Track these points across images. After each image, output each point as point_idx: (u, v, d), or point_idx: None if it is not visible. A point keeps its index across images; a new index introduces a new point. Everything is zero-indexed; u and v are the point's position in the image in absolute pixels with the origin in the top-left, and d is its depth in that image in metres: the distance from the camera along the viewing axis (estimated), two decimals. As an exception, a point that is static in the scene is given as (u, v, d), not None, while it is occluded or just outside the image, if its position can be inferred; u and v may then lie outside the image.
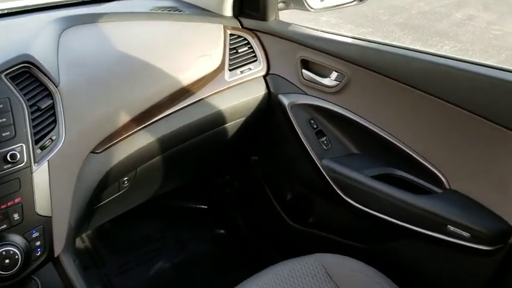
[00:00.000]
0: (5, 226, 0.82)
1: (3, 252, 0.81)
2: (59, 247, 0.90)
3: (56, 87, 0.88)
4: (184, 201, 1.76)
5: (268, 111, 1.27)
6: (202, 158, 1.30)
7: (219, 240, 1.67)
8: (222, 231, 1.69)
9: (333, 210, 1.27)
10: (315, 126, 1.19)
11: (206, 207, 1.75)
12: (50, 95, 0.88)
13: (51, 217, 0.87)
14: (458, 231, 0.97)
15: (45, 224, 0.87)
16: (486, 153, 0.95)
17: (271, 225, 1.52)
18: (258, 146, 1.42)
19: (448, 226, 0.98)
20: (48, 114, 0.87)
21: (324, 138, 1.18)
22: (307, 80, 1.18)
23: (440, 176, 1.03)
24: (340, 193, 1.14)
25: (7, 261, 0.81)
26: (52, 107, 0.87)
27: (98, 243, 1.57)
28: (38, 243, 0.86)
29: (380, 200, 1.08)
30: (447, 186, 1.02)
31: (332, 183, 1.15)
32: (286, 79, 1.23)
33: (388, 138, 1.08)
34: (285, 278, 1.02)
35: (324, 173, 1.15)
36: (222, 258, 1.61)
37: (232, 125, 1.23)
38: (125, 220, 1.62)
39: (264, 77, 1.26)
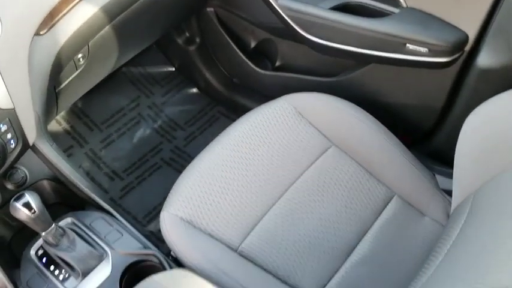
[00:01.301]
0: None
1: None
2: (31, 135, 0.91)
3: None
4: (151, 67, 1.73)
5: None
6: (153, 20, 1.24)
7: (193, 99, 1.69)
8: (194, 90, 1.70)
9: (297, 51, 1.27)
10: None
11: (173, 69, 1.73)
12: None
13: (13, 108, 0.87)
14: (417, 48, 0.99)
15: (10, 115, 0.86)
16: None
17: (239, 75, 1.53)
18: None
19: (407, 45, 0.99)
20: None
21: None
22: None
23: None
24: (301, 32, 1.12)
25: None
26: None
27: (74, 123, 1.59)
28: (9, 135, 0.87)
29: (341, 32, 1.07)
30: (404, 5, 1.01)
31: (292, 23, 1.12)
32: None
33: None
34: (258, 124, 1.06)
35: (282, 13, 1.12)
36: (199, 115, 1.65)
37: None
38: (95, 96, 1.62)
39: None
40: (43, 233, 0.88)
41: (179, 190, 0.97)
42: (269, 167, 1.01)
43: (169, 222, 0.93)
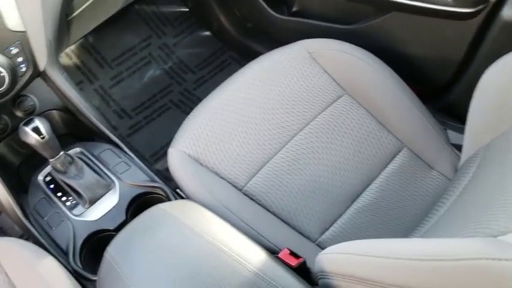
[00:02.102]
0: None
1: None
2: (42, 61, 0.90)
3: None
4: (164, 6, 1.69)
5: None
6: None
7: (205, 42, 1.66)
8: (207, 33, 1.67)
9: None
10: None
11: (187, 9, 1.69)
12: None
13: (25, 32, 0.85)
14: (442, -4, 0.95)
15: (22, 38, 0.85)
16: None
17: (255, 19, 1.49)
18: None
19: (431, -8, 0.96)
20: None
21: None
22: None
23: None
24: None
25: None
26: None
27: (85, 58, 1.57)
28: (19, 59, 0.86)
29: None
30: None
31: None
32: None
33: None
34: (271, 67, 1.04)
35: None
36: (210, 59, 1.63)
37: None
38: (107, 32, 1.59)
39: None
40: (52, 160, 0.89)
41: (188, 128, 0.97)
42: (279, 110, 1.00)
43: (176, 158, 0.93)
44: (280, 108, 1.00)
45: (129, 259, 0.64)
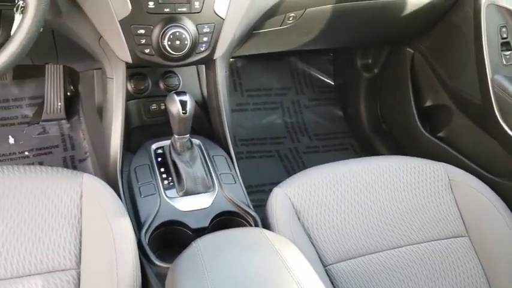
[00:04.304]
0: (185, 9, 0.85)
1: (177, 33, 0.84)
2: (219, 51, 0.93)
3: None
4: (315, 70, 1.73)
5: (452, 3, 1.15)
6: (362, 25, 1.22)
7: (334, 119, 1.66)
8: (340, 112, 1.68)
9: (473, 129, 1.19)
10: (504, 35, 1.06)
11: (333, 83, 1.72)
12: None
13: (223, 19, 0.89)
14: None
15: (217, 23, 0.88)
16: None
17: (398, 120, 1.47)
18: (419, 38, 1.32)
19: None
20: None
21: (509, 52, 1.06)
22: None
23: None
24: (497, 115, 1.05)
25: (177, 42, 0.85)
26: None
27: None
28: (205, 38, 0.89)
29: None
30: None
31: (493, 102, 1.05)
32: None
33: None
34: (406, 170, 1.00)
35: (490, 88, 1.05)
36: (331, 136, 1.62)
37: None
38: (257, 64, 1.65)
39: None
40: (177, 137, 0.88)
41: (302, 179, 0.94)
42: (396, 215, 0.94)
43: (279, 199, 0.90)
44: (399, 213, 0.94)
45: (217, 259, 0.59)
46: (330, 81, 1.73)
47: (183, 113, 0.84)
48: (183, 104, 0.84)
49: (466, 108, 1.23)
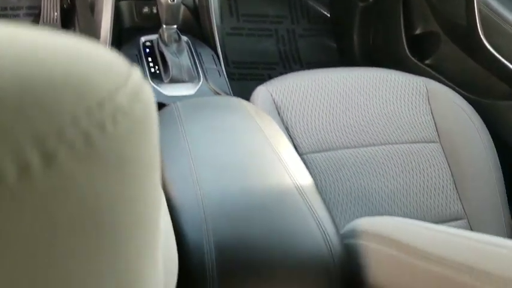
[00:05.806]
0: None
1: None
2: None
3: None
4: (312, 0, 1.74)
5: None
6: None
7: (327, 50, 1.68)
8: (333, 44, 1.70)
9: (459, 54, 1.22)
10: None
11: (328, 15, 1.73)
12: None
13: None
14: None
15: None
16: None
17: (388, 48, 1.49)
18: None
19: None
20: None
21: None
22: None
23: None
24: (480, 33, 1.07)
25: None
26: None
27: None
28: None
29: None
30: None
31: (477, 20, 1.07)
32: None
33: None
34: (385, 79, 1.03)
35: (475, 5, 1.07)
36: (325, 65, 1.64)
37: None
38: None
39: None
40: (164, 26, 0.91)
41: (287, 80, 0.98)
42: (372, 117, 0.99)
43: (261, 97, 0.94)
44: (375, 116, 0.99)
45: (193, 118, 0.63)
46: (326, 13, 1.74)
47: (171, 1, 0.86)
48: (171, -8, 0.87)
49: (453, 32, 1.25)
